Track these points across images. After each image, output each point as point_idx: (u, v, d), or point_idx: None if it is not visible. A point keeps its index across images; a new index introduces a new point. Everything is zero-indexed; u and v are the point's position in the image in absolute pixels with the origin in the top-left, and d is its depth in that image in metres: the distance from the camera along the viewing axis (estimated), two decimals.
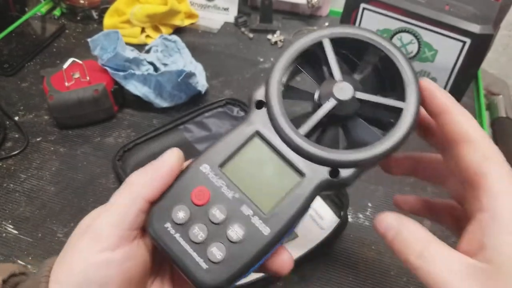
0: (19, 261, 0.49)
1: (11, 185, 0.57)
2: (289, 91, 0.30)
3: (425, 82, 0.27)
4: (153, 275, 0.28)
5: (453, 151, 0.25)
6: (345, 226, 0.51)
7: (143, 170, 0.27)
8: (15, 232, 0.52)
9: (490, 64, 0.94)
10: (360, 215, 0.54)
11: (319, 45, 0.28)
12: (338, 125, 0.28)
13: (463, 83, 0.66)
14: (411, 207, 0.34)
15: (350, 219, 0.53)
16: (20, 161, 0.60)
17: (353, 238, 0.51)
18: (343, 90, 0.27)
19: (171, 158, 0.27)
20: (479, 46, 0.60)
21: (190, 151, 0.60)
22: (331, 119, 0.28)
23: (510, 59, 0.97)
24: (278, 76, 0.28)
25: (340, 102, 0.27)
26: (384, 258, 0.50)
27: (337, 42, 0.28)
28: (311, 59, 0.29)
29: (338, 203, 0.53)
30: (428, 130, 0.29)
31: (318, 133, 0.29)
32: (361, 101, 0.27)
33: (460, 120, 0.25)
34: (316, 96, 0.28)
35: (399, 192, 0.55)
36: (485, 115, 0.71)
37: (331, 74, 0.28)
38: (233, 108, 0.66)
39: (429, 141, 0.29)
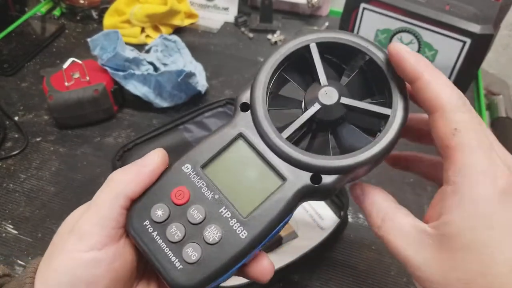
0: (19, 261, 0.49)
1: (11, 185, 0.57)
2: (277, 99, 0.29)
3: (393, 46, 0.25)
4: (140, 275, 0.28)
5: (430, 120, 0.24)
6: (345, 226, 0.51)
7: (126, 168, 0.26)
8: (15, 232, 0.52)
9: (490, 64, 0.94)
10: (360, 215, 0.54)
11: (305, 49, 0.28)
12: (328, 131, 0.28)
13: (463, 83, 0.66)
14: (403, 164, 0.33)
15: (350, 219, 0.53)
16: (20, 161, 0.60)
17: (353, 238, 0.51)
18: (328, 95, 0.26)
19: (155, 158, 0.26)
20: (479, 46, 0.60)
21: None
22: (319, 124, 0.28)
23: (510, 59, 0.97)
24: (263, 79, 0.27)
25: (324, 107, 0.26)
26: (384, 258, 0.49)
27: (324, 48, 0.28)
28: (297, 65, 0.29)
29: (338, 203, 0.53)
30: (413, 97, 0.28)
31: (308, 139, 0.28)
32: (347, 107, 0.27)
33: (431, 87, 0.23)
34: (302, 101, 0.28)
35: (399, 191, 0.55)
36: (485, 115, 0.71)
37: (317, 79, 0.27)
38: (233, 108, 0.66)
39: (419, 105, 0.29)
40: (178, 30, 0.83)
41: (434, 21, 0.61)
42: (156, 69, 0.68)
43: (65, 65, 0.62)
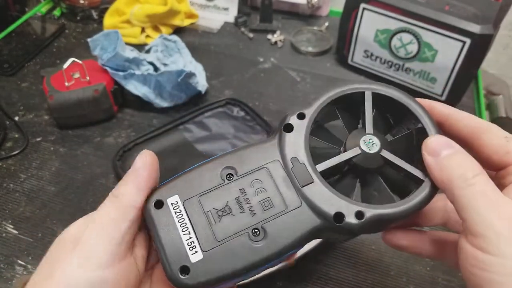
0: (19, 261, 0.49)
1: (11, 185, 0.57)
2: (321, 130, 0.30)
3: (422, 100, 0.29)
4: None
5: (473, 145, 0.27)
6: None
7: (125, 181, 0.26)
8: (15, 232, 0.52)
9: (490, 64, 0.94)
10: None
11: (361, 95, 0.28)
12: (357, 177, 0.28)
13: (463, 83, 0.66)
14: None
15: None
16: (20, 161, 0.60)
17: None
18: (371, 143, 0.27)
19: (146, 159, 0.26)
20: (479, 46, 0.60)
21: (190, 151, 0.60)
22: (351, 168, 0.28)
23: (510, 59, 0.97)
24: (315, 112, 0.28)
25: (364, 154, 0.27)
26: (384, 258, 0.50)
27: (382, 101, 0.29)
28: (351, 107, 0.30)
29: None
30: None
31: (335, 179, 0.29)
32: (385, 160, 0.27)
33: (468, 118, 0.27)
34: (344, 142, 0.28)
35: None
36: (485, 115, 0.71)
37: (363, 126, 0.28)
38: (233, 108, 0.66)
39: None
40: (178, 30, 0.83)
41: (433, 21, 0.61)
42: (156, 69, 0.68)
43: (65, 65, 0.62)
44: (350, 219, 0.25)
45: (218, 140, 0.61)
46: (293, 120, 0.28)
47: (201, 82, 0.67)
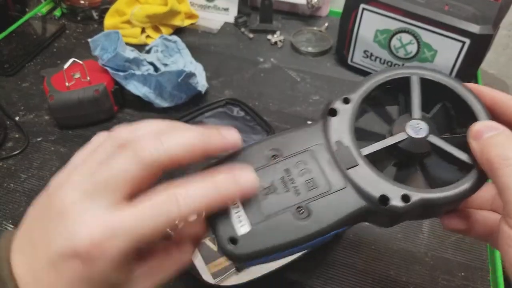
0: None
1: (12, 185, 0.57)
2: (364, 115, 0.30)
3: (469, 84, 0.28)
4: None
5: None
6: None
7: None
8: None
9: (490, 64, 0.94)
10: None
11: (404, 80, 0.29)
12: (401, 162, 0.28)
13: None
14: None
15: None
16: (20, 161, 0.60)
17: (353, 238, 0.52)
18: (418, 128, 0.27)
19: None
20: (479, 46, 0.61)
21: None
22: (397, 153, 0.28)
23: (510, 59, 0.97)
24: (360, 96, 0.28)
25: (410, 139, 0.27)
26: (384, 257, 0.50)
27: (428, 86, 0.29)
28: (396, 92, 0.30)
29: None
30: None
31: (379, 163, 0.29)
32: (432, 145, 0.27)
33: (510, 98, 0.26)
34: (391, 127, 0.28)
35: None
36: None
37: (409, 111, 0.28)
38: (233, 108, 0.66)
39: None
40: (178, 31, 0.84)
41: (433, 22, 0.62)
42: (156, 69, 0.68)
43: (66, 65, 0.62)
44: (396, 202, 0.25)
45: None
46: (338, 104, 0.28)
47: (201, 82, 0.67)
